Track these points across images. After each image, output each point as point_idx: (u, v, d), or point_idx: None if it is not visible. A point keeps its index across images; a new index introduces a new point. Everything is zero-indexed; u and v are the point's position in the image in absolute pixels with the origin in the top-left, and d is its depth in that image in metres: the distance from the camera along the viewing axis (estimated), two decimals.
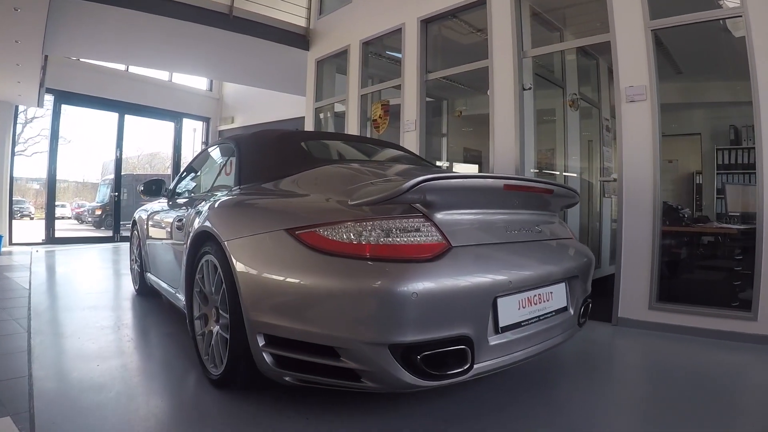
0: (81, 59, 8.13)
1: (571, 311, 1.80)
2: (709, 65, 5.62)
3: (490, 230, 1.54)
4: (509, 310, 1.47)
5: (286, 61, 6.05)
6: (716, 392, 1.90)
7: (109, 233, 9.13)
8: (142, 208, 3.41)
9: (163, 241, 2.67)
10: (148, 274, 3.11)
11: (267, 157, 2.10)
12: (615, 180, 3.22)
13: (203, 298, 1.86)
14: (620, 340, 2.77)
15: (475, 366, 1.36)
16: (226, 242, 1.60)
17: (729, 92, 5.77)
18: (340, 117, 5.48)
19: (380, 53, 5.17)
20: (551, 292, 1.68)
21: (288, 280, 1.38)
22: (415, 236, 1.32)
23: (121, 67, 8.80)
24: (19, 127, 17.31)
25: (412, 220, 1.35)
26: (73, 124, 13.66)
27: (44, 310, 3.03)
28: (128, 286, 3.83)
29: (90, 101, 8.49)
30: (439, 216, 1.39)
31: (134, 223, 3.51)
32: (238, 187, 2.03)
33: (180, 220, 2.28)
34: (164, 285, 2.68)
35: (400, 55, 4.50)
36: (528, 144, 3.53)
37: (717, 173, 6.04)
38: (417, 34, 4.25)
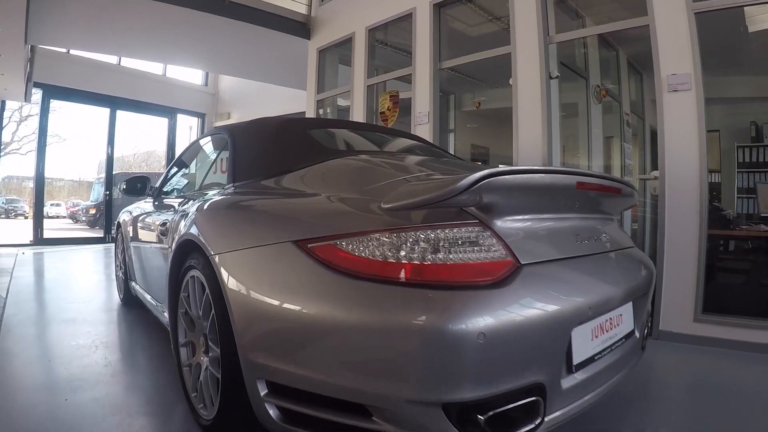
0: (70, 52, 7.77)
1: (637, 334, 1.49)
2: (727, 60, 5.36)
3: (560, 241, 1.20)
4: (583, 343, 1.15)
5: (286, 51, 5.69)
6: None
7: (101, 233, 8.77)
8: (126, 209, 3.07)
9: (147, 248, 2.33)
10: (133, 284, 2.77)
11: (267, 149, 1.75)
12: (656, 178, 2.90)
13: (189, 322, 1.52)
14: (669, 357, 2.45)
15: (546, 419, 1.03)
16: (215, 256, 1.26)
17: (748, 87, 5.49)
18: (344, 111, 5.14)
19: (387, 42, 4.82)
20: (621, 315, 1.36)
21: (297, 310, 1.04)
22: (474, 252, 0.98)
23: (113, 60, 8.43)
24: (13, 125, 17.02)
25: (466, 229, 1.01)
26: (69, 122, 13.32)
27: (17, 324, 2.69)
28: (114, 294, 3.49)
29: (80, 96, 8.13)
30: (499, 224, 1.05)
31: (118, 225, 3.17)
32: (232, 184, 1.69)
33: (164, 224, 1.93)
34: (148, 298, 2.34)
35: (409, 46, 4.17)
36: (555, 138, 3.20)
37: (738, 171, 5.78)
38: (429, 18, 3.91)
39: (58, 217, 17.67)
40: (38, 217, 7.86)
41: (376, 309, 0.94)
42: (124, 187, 2.57)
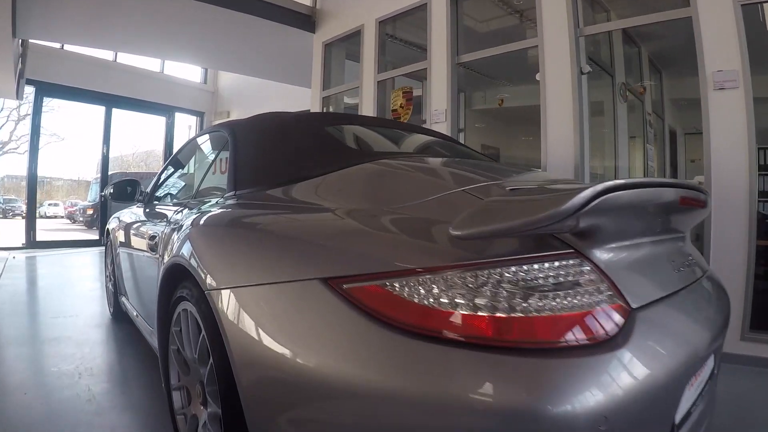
0: (64, 47, 7.50)
1: (715, 371, 1.24)
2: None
3: (660, 272, 0.95)
4: (684, 397, 0.91)
5: (289, 46, 5.41)
6: None
7: (97, 235, 8.50)
8: (116, 214, 2.79)
9: (136, 263, 2.05)
10: (122, 299, 2.50)
11: (276, 150, 1.46)
12: (701, 184, 2.65)
13: (183, 363, 1.25)
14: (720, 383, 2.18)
15: None
16: (212, 292, 0.98)
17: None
18: (351, 109, 4.86)
19: (396, 35, 4.54)
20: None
21: (326, 374, 0.76)
22: (577, 296, 0.71)
23: (109, 57, 8.15)
24: (11, 125, 16.85)
25: (562, 263, 0.74)
26: (68, 121, 13.11)
27: None
28: (104, 307, 3.22)
29: (74, 93, 7.86)
30: (598, 254, 0.78)
31: (107, 233, 2.90)
32: (233, 192, 1.41)
33: (153, 238, 1.66)
34: (138, 319, 2.07)
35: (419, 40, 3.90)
36: (586, 138, 2.94)
37: (759, 174, 5.55)
38: (446, 9, 3.63)
39: (56, 217, 17.52)
40: (31, 219, 7.57)
41: (442, 381, 0.66)
42: (112, 191, 2.28)
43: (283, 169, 1.36)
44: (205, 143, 2.07)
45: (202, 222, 1.25)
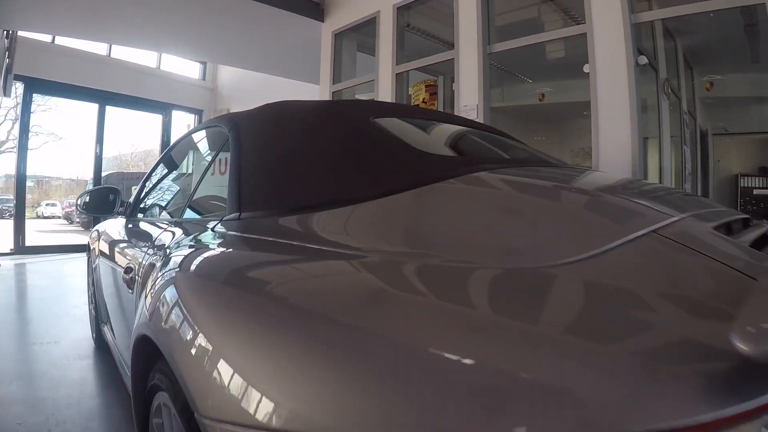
0: (55, 41, 7.12)
1: None
2: None
3: None
4: None
5: (294, 37, 5.00)
6: None
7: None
8: (97, 226, 2.38)
9: (113, 291, 1.64)
10: (104, 328, 2.10)
11: (297, 154, 1.01)
12: None
13: None
14: None
15: None
16: (206, 422, 0.55)
17: None
18: None
19: (410, 24, 4.14)
20: None
21: None
22: None
23: (102, 52, 7.76)
24: (8, 124, 16.53)
25: None
26: (67, 119, 12.80)
27: None
28: (89, 330, 2.83)
29: (66, 90, 7.48)
30: None
31: (88, 247, 2.51)
32: (236, 215, 0.97)
33: (129, 271, 1.24)
34: (120, 358, 1.68)
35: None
36: (641, 137, 2.56)
37: None
38: None
39: (53, 217, 17.17)
40: (20, 222, 7.19)
41: None
42: (87, 201, 1.86)
43: (313, 185, 0.92)
44: (200, 142, 1.65)
45: (193, 270, 0.78)
